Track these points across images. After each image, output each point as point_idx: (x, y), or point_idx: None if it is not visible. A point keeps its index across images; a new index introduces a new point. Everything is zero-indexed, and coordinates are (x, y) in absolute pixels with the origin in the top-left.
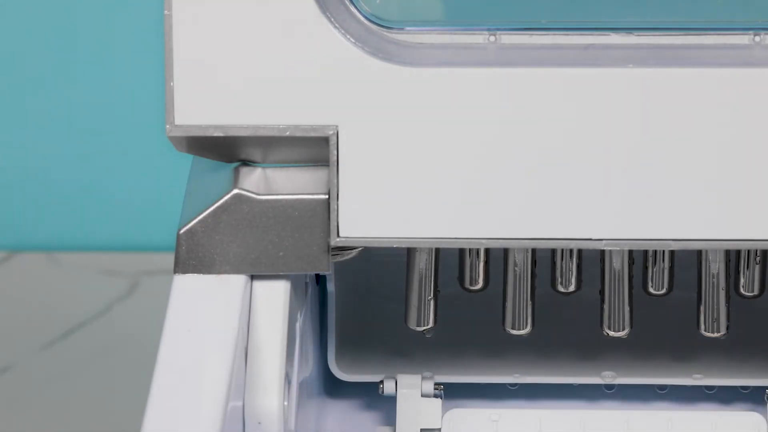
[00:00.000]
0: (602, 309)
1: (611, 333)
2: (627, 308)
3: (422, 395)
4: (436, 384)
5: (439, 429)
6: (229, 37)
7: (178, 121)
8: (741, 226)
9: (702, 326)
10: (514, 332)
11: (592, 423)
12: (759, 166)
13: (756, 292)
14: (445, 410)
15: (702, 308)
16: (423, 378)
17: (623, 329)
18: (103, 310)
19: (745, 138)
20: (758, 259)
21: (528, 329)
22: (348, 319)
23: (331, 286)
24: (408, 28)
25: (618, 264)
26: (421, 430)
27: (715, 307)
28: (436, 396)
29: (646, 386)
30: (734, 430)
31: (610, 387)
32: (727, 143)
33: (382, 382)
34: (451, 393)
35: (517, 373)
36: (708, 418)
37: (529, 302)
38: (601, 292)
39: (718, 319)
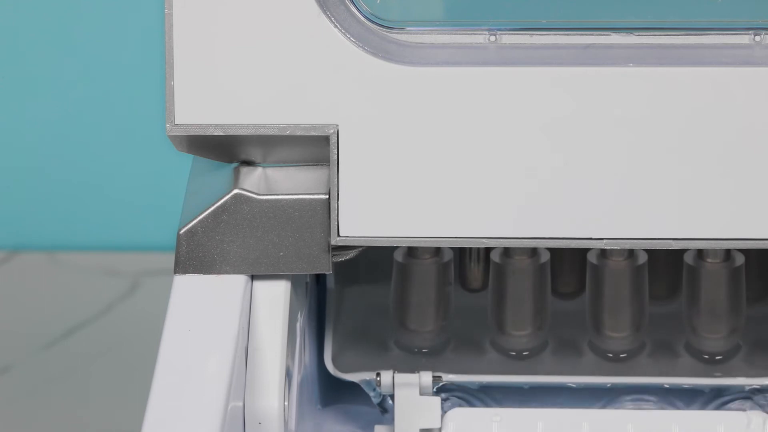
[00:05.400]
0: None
1: (612, 334)
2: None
3: (421, 393)
4: (434, 375)
5: (439, 429)
6: (230, 36)
7: (178, 120)
8: (741, 225)
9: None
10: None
11: (596, 423)
12: (759, 166)
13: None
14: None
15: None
16: (421, 374)
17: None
18: (104, 310)
19: (745, 137)
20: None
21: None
22: (346, 318)
23: (330, 284)
24: (408, 28)
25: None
26: (421, 430)
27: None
28: (435, 392)
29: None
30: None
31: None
32: (727, 143)
33: (378, 375)
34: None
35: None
36: (711, 418)
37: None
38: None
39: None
